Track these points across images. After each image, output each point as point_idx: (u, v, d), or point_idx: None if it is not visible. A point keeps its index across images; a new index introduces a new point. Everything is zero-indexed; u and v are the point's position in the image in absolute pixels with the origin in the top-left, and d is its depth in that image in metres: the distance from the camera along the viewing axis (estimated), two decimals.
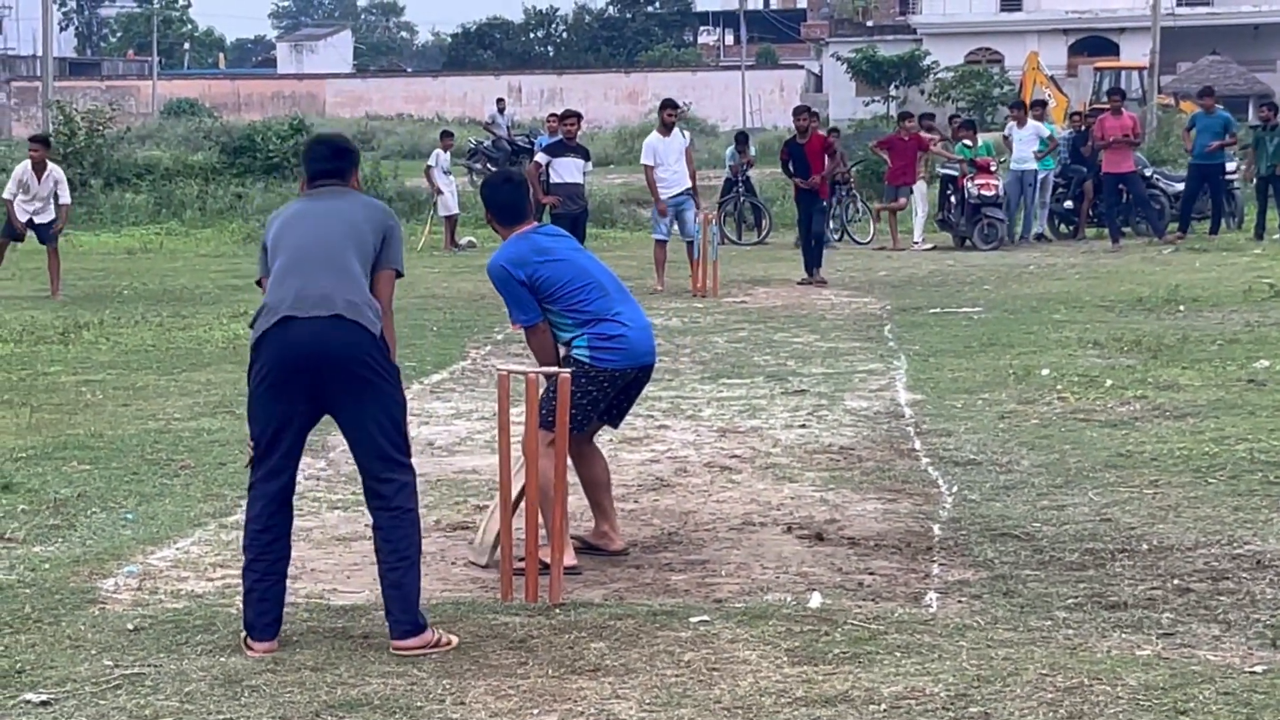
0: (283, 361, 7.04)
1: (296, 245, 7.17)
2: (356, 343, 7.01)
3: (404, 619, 7.04)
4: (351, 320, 7.00)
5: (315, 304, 7.00)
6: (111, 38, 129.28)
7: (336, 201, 7.31)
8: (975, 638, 7.14)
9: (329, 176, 7.43)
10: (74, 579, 8.22)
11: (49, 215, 22.17)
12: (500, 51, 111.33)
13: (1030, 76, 56.75)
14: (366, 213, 7.30)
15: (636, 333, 8.60)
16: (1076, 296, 20.51)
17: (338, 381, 7.02)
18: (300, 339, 6.99)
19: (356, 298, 7.07)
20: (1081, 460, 10.89)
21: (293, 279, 7.08)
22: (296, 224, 7.26)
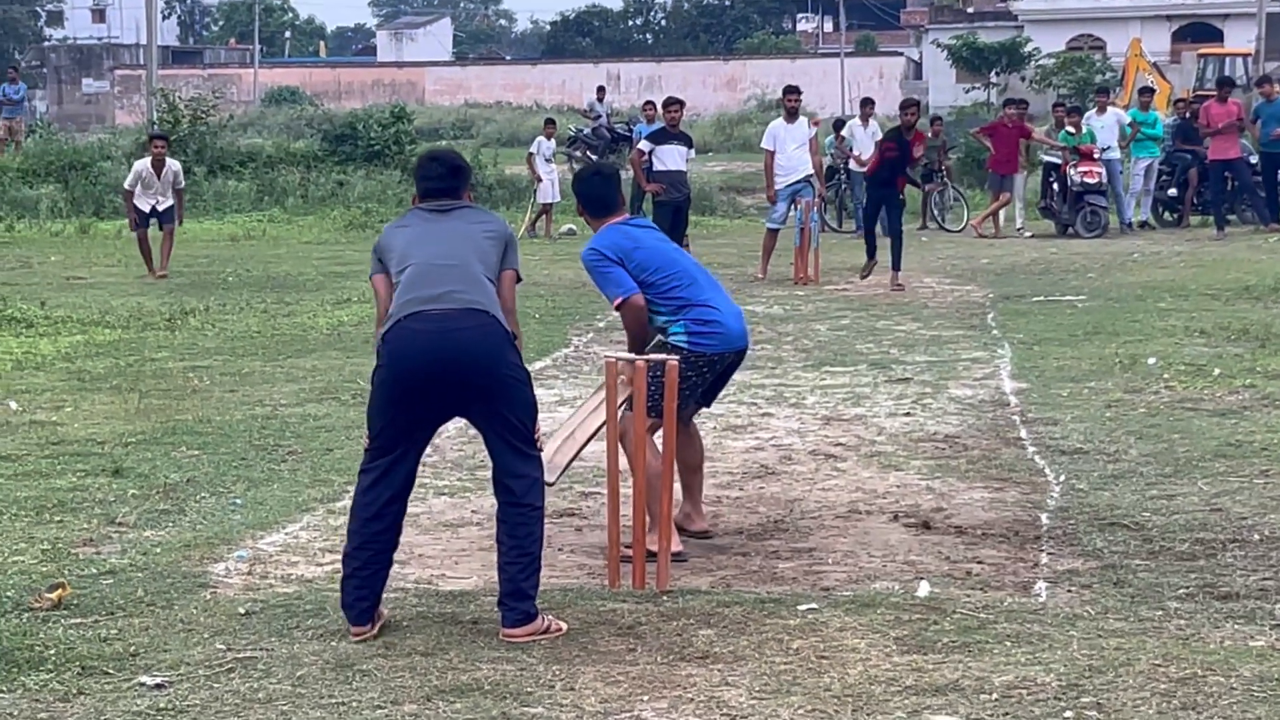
0: (409, 368, 6.98)
1: (424, 259, 7.16)
2: (489, 337, 7.00)
3: (517, 608, 7.04)
4: (483, 310, 7.02)
5: (446, 299, 7.01)
6: (213, 26, 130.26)
7: (457, 220, 7.32)
8: (1086, 627, 7.10)
9: (444, 195, 7.43)
10: (185, 563, 8.30)
11: (169, 202, 23.42)
12: (599, 39, 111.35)
13: (1133, 63, 56.32)
14: (486, 226, 7.35)
15: (730, 318, 8.61)
16: (1182, 285, 20.33)
17: (471, 381, 6.98)
18: (430, 340, 6.96)
19: (486, 298, 7.09)
20: (1190, 449, 10.80)
21: (421, 284, 7.08)
22: (421, 239, 7.25)
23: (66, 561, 8.32)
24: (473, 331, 6.98)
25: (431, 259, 7.14)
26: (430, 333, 6.96)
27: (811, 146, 22.77)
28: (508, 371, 7.05)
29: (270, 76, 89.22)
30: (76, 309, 18.80)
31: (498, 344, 7.03)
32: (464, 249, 7.19)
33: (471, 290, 7.07)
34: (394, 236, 7.38)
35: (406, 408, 7.03)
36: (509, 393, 7.06)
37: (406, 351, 6.98)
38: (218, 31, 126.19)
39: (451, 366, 6.94)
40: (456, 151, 7.89)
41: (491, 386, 7.01)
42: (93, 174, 35.68)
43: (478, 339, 6.98)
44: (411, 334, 6.99)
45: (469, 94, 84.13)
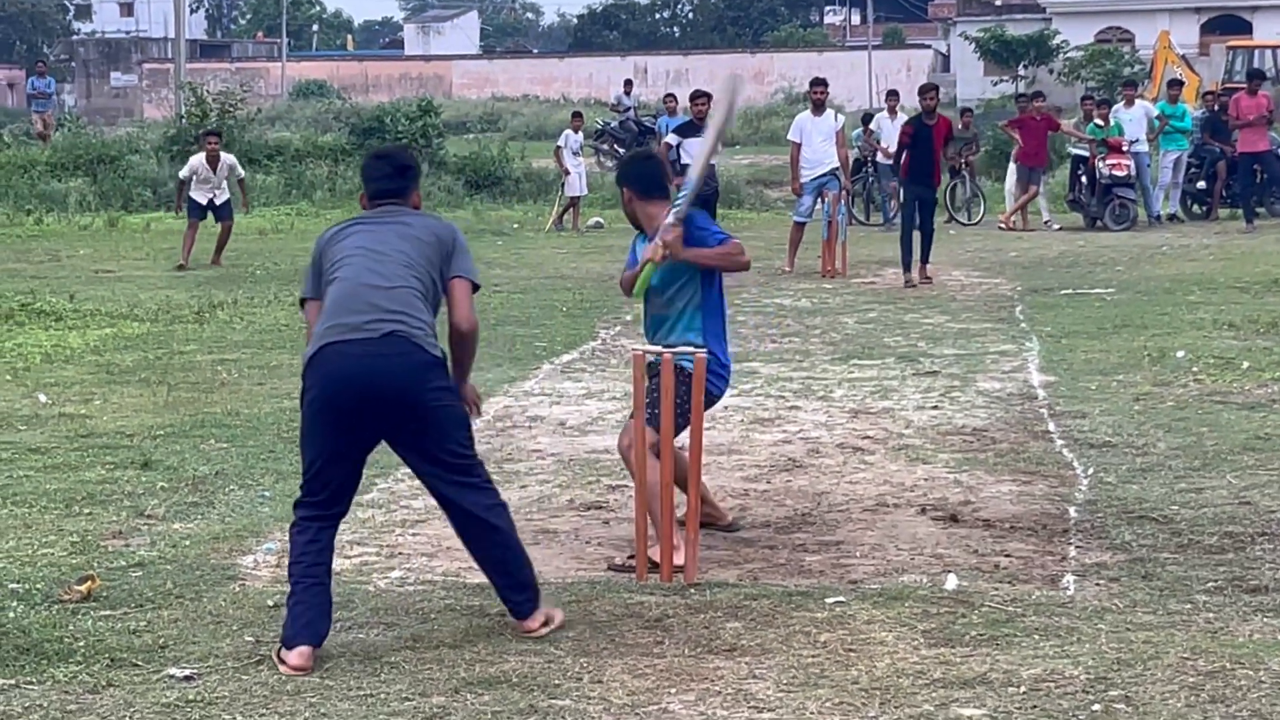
0: (336, 390, 6.76)
1: (352, 277, 6.91)
2: (410, 365, 6.77)
3: (523, 599, 7.00)
4: (404, 337, 6.78)
5: (367, 328, 6.77)
6: (241, 20, 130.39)
7: (395, 230, 7.05)
8: (1114, 621, 7.09)
9: (391, 195, 7.22)
10: (214, 556, 8.32)
11: (225, 195, 24.14)
12: (626, 32, 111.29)
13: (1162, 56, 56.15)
14: (427, 234, 7.06)
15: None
16: (1211, 278, 20.29)
17: (393, 409, 6.78)
18: (354, 366, 6.73)
19: (413, 320, 6.84)
20: (1219, 443, 10.78)
21: (345, 309, 6.85)
22: (354, 253, 6.97)
23: (95, 554, 8.35)
24: (392, 360, 6.73)
25: (359, 278, 6.89)
26: (354, 358, 6.72)
27: (838, 139, 22.68)
28: (431, 399, 6.80)
29: (298, 70, 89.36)
30: (105, 302, 18.87)
31: (419, 371, 6.78)
32: (396, 266, 6.92)
33: (396, 315, 6.80)
34: (330, 246, 7.11)
35: (336, 433, 6.81)
36: (434, 420, 6.82)
37: (332, 375, 6.75)
38: (245, 25, 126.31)
39: (374, 393, 6.72)
40: (405, 150, 7.68)
41: (413, 416, 6.77)
42: (121, 167, 35.80)
43: (397, 368, 6.73)
44: (337, 356, 6.76)
45: (496, 87, 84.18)
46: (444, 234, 7.11)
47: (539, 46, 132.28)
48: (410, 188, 7.28)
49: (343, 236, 7.11)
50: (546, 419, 12.12)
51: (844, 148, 23.05)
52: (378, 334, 6.76)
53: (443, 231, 7.12)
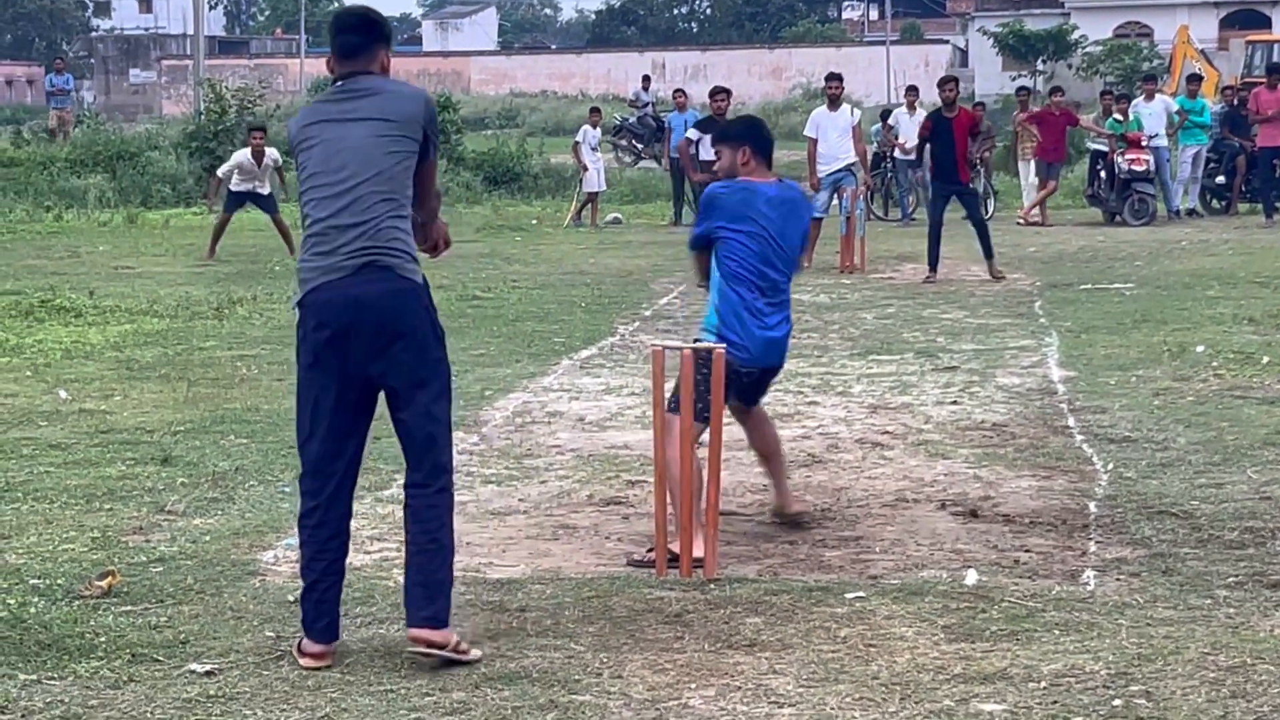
0: (327, 333, 6.63)
1: (329, 216, 6.57)
2: (398, 294, 6.56)
3: (431, 608, 6.60)
4: (387, 267, 6.55)
5: (350, 265, 6.53)
6: (259, 16, 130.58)
7: (366, 125, 6.61)
8: (1134, 616, 7.08)
9: (358, 53, 6.72)
10: (234, 551, 8.33)
11: (267, 188, 24.69)
12: (644, 28, 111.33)
13: (1181, 50, 56.10)
14: (398, 122, 6.61)
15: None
16: (1230, 273, 20.26)
17: (383, 331, 6.55)
18: (342, 302, 6.55)
19: (396, 242, 6.58)
20: (1239, 438, 10.76)
21: (327, 249, 6.57)
22: (327, 173, 6.60)
23: (116, 549, 8.36)
24: (378, 287, 6.51)
25: (337, 217, 6.53)
26: (340, 298, 6.52)
27: (855, 134, 22.64)
28: (415, 323, 6.58)
29: (316, 66, 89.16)
30: (125, 298, 18.89)
31: (405, 299, 6.56)
32: (369, 186, 6.54)
33: (378, 246, 6.51)
34: (302, 145, 6.70)
35: (330, 371, 6.68)
36: (420, 344, 6.61)
37: (323, 320, 6.59)
38: (264, 21, 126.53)
39: (363, 319, 6.52)
40: (374, 10, 7.07)
41: (401, 336, 6.55)
42: (140, 164, 35.87)
43: (383, 294, 6.52)
44: (324, 305, 6.59)
45: (514, 83, 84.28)
46: (414, 112, 6.67)
47: (557, 42, 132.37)
48: (376, 47, 6.78)
49: (313, 136, 6.69)
50: (565, 414, 12.13)
51: (860, 142, 23.02)
52: (361, 264, 6.52)
53: (413, 108, 6.68)
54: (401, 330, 6.58)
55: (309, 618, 6.68)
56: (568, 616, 7.17)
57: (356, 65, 6.76)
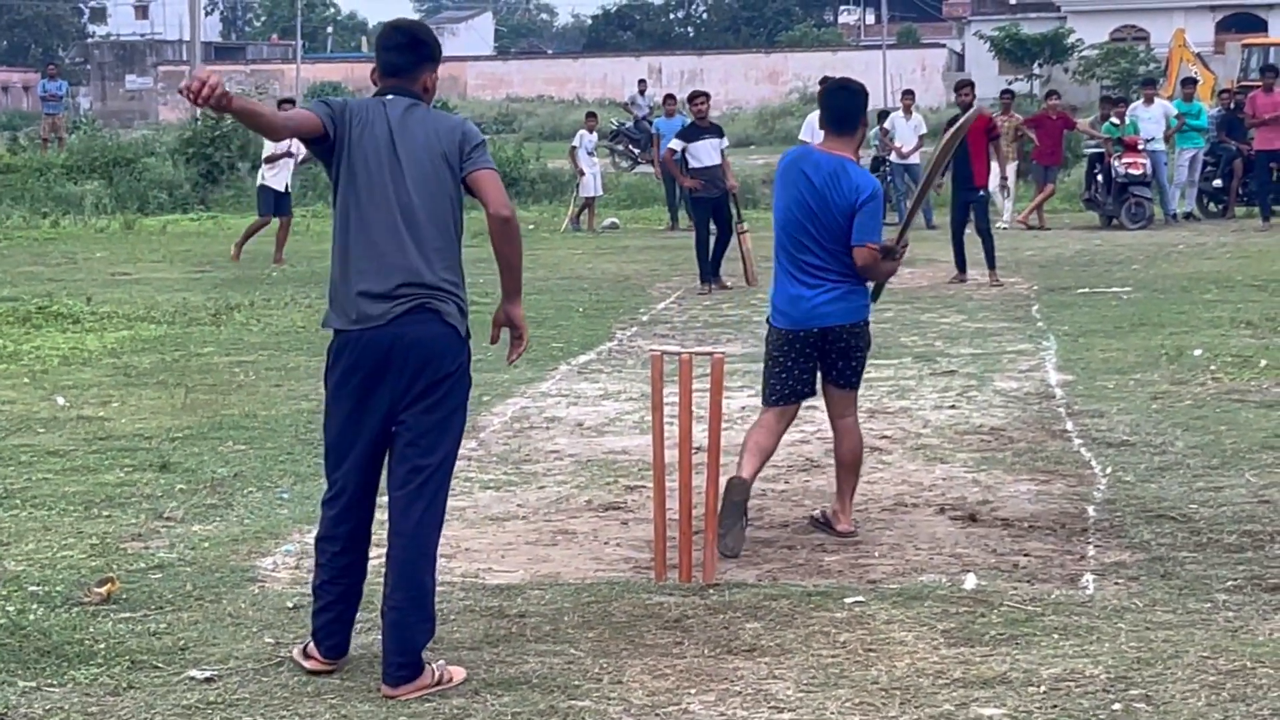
0: (354, 361, 6.47)
1: (376, 225, 6.44)
2: (437, 341, 6.44)
3: (402, 662, 6.41)
4: (434, 310, 6.42)
5: (393, 296, 6.38)
6: (255, 22, 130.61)
7: (415, 142, 6.49)
8: (1134, 620, 7.08)
9: (400, 73, 6.62)
10: (233, 557, 8.33)
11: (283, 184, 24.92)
12: (640, 32, 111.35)
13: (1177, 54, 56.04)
14: (444, 144, 6.52)
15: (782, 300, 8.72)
16: (1228, 276, 20.27)
17: (413, 380, 6.42)
18: (379, 343, 6.40)
19: (442, 270, 6.47)
20: (1237, 441, 10.77)
21: (367, 267, 6.43)
22: (375, 176, 6.46)
23: (115, 556, 8.36)
24: (419, 330, 6.39)
25: (383, 225, 6.43)
26: (379, 338, 6.39)
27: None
28: (444, 381, 6.46)
29: (313, 72, 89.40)
30: (122, 304, 18.89)
31: (442, 349, 6.44)
32: (418, 201, 6.45)
33: (424, 273, 6.41)
34: (359, 116, 6.54)
35: (353, 404, 6.47)
36: (442, 401, 6.46)
37: (358, 363, 6.42)
38: (260, 27, 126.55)
39: (397, 365, 6.39)
40: (424, 25, 7.07)
41: (426, 391, 6.44)
42: (137, 170, 35.91)
43: (425, 340, 6.40)
44: (360, 343, 6.42)
45: (511, 88, 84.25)
46: (459, 136, 6.57)
47: (553, 47, 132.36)
48: (423, 65, 6.67)
49: (364, 137, 6.50)
50: (564, 420, 12.13)
51: None
52: (407, 308, 6.38)
53: (459, 133, 6.58)
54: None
55: (320, 635, 6.61)
56: (567, 622, 7.17)
57: (401, 83, 6.68)
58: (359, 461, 6.51)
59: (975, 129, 20.44)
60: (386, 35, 6.76)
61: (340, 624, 6.62)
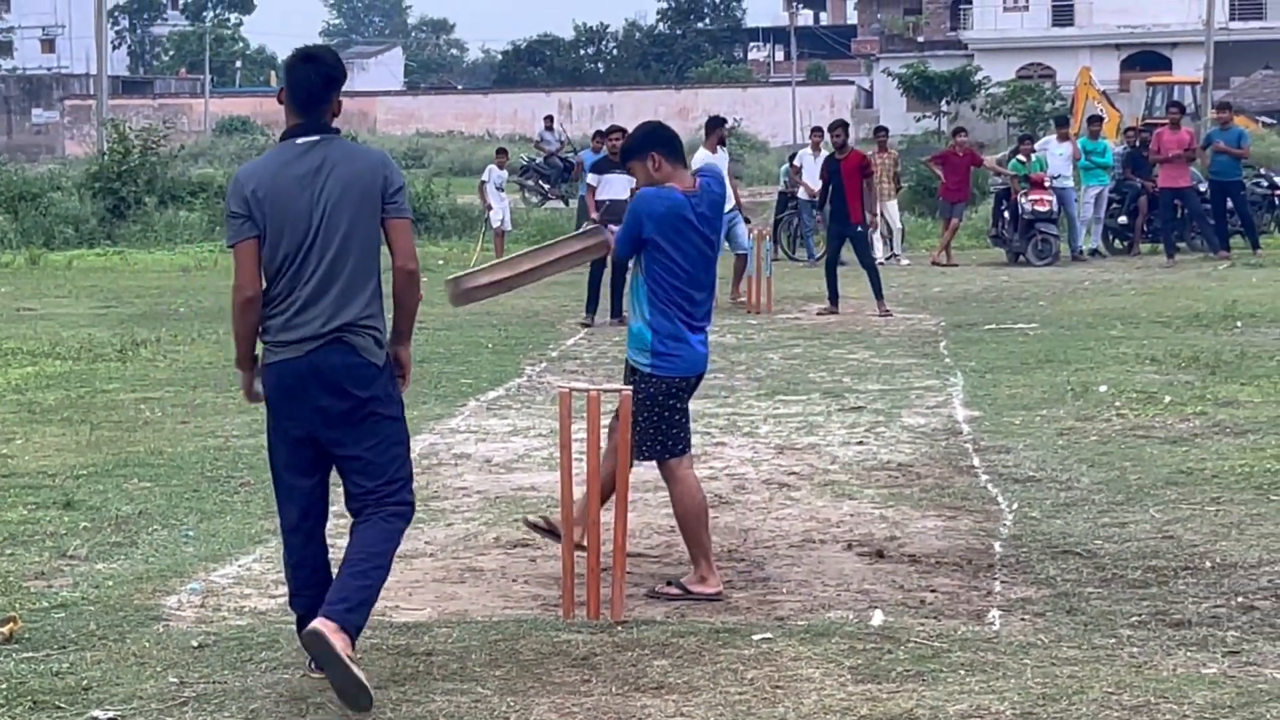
0: (283, 391, 6.80)
1: (291, 240, 6.70)
2: (354, 370, 6.72)
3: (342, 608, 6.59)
4: (348, 344, 6.71)
5: (315, 332, 6.69)
6: (164, 56, 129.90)
7: (328, 177, 6.72)
8: (1039, 655, 7.11)
9: (318, 105, 6.85)
10: (138, 596, 8.26)
11: None
12: (551, 68, 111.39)
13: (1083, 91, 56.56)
14: (361, 180, 6.75)
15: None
16: (1133, 313, 20.43)
17: (335, 405, 6.73)
18: (303, 372, 6.72)
19: (359, 309, 6.73)
20: (1142, 477, 10.84)
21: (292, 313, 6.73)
22: (289, 225, 6.71)
23: (17, 595, 8.27)
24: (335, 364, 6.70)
25: (306, 278, 6.69)
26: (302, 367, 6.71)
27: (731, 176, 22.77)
28: (369, 408, 6.77)
29: (221, 106, 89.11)
30: (27, 340, 18.73)
31: (363, 377, 6.74)
32: (334, 244, 6.69)
33: (343, 310, 6.69)
34: (264, 191, 6.74)
35: (290, 433, 6.85)
36: (368, 428, 6.79)
37: (284, 387, 6.77)
38: (168, 61, 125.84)
39: (321, 394, 6.70)
40: (333, 51, 7.23)
41: (350, 416, 6.74)
42: (43, 205, 35.62)
43: (342, 370, 6.70)
44: (285, 370, 6.75)
45: (420, 123, 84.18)
46: (376, 171, 6.81)
47: (464, 82, 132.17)
48: (332, 93, 6.90)
49: (270, 187, 6.75)
50: (473, 456, 12.09)
51: (735, 185, 23.09)
52: (326, 340, 6.69)
53: (376, 168, 6.82)
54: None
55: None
56: (474, 660, 7.14)
57: (311, 118, 6.88)
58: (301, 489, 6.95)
59: (849, 166, 21.56)
60: (296, 68, 6.91)
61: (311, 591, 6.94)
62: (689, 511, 8.28)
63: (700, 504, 8.34)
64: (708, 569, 8.27)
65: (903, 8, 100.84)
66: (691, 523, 8.29)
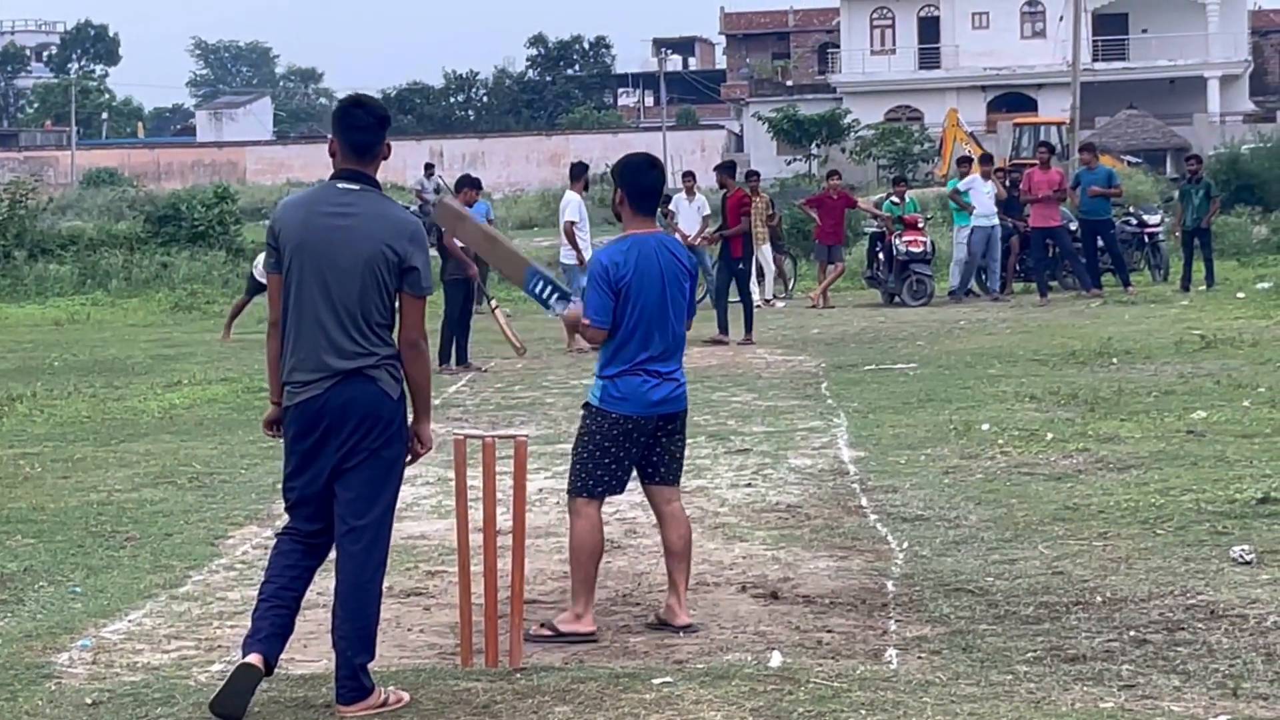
0: (297, 423, 7.10)
1: (309, 311, 7.03)
2: (364, 399, 7.03)
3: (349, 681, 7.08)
4: (363, 377, 7.03)
5: (327, 368, 6.99)
6: (28, 109, 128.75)
7: (356, 232, 7.01)
8: (938, 694, 7.14)
9: (366, 150, 7.18)
10: (27, 654, 8.13)
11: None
12: (421, 116, 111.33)
13: (950, 133, 57.21)
14: (386, 241, 7.01)
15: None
16: (1010, 351, 20.61)
17: (345, 439, 7.04)
18: (313, 405, 7.02)
19: (367, 354, 7.03)
20: (1029, 514, 10.93)
21: (305, 348, 7.03)
22: (312, 266, 7.01)
23: None
24: (346, 396, 7.02)
25: (317, 314, 6.99)
26: (316, 400, 7.02)
27: None
28: (369, 444, 7.07)
29: (88, 158, 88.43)
30: None
31: (371, 409, 7.04)
32: (353, 291, 6.99)
33: (350, 355, 7.00)
34: (291, 229, 7.08)
35: (305, 462, 7.12)
36: (369, 465, 7.11)
37: (301, 419, 7.06)
38: (33, 113, 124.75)
39: (333, 426, 7.01)
40: (375, 100, 7.53)
41: (356, 449, 7.06)
42: None
43: (352, 400, 7.02)
44: (303, 405, 7.04)
45: (291, 172, 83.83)
46: (395, 249, 7.03)
47: None
48: (383, 141, 7.24)
49: (305, 223, 7.07)
50: None
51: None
52: (337, 377, 7.00)
53: (395, 244, 7.04)
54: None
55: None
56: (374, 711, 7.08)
57: (360, 166, 7.19)
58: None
59: (731, 204, 23.62)
60: (348, 113, 7.21)
61: (273, 622, 7.13)
62: (585, 547, 8.32)
63: (598, 543, 8.38)
64: (584, 607, 8.30)
65: (771, 52, 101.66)
66: (584, 558, 8.32)
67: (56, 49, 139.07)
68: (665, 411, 8.41)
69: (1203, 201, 28.87)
